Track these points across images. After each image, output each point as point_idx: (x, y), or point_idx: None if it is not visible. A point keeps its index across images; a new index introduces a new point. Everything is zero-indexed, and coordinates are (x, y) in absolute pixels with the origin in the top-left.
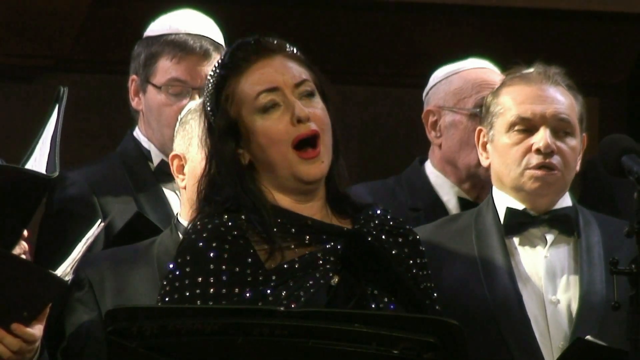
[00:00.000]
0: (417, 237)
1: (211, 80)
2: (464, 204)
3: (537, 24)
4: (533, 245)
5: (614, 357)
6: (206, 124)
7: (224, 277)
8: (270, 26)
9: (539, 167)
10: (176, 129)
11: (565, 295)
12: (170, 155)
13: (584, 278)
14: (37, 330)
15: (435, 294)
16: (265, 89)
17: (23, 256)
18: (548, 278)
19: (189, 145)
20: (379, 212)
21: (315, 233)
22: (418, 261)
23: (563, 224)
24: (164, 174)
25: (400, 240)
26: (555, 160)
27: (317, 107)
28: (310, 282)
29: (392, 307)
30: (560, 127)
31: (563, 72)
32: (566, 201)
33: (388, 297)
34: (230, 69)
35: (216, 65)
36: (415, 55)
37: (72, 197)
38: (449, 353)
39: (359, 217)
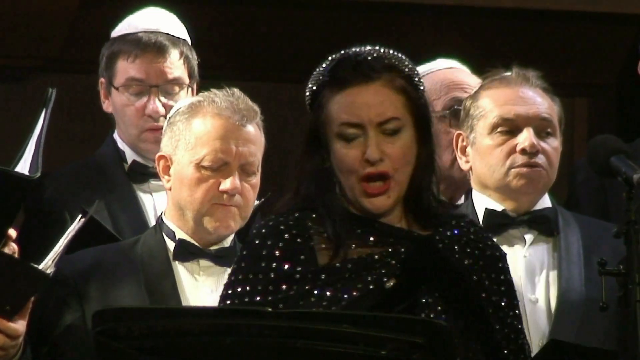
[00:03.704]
0: (498, 253)
1: (314, 78)
2: None
3: (525, 24)
4: (512, 245)
5: (590, 356)
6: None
7: (272, 275)
8: (258, 27)
9: (524, 165)
10: (164, 127)
11: (544, 294)
12: (157, 155)
13: (563, 276)
14: (20, 325)
15: (502, 314)
16: (349, 121)
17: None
18: (527, 277)
19: (176, 148)
20: (462, 224)
21: (381, 235)
22: (493, 276)
23: (542, 225)
24: (136, 174)
25: (476, 252)
26: (540, 159)
27: (396, 145)
28: (359, 286)
29: (443, 317)
30: (542, 127)
31: (540, 75)
32: (545, 202)
33: (443, 307)
34: (329, 80)
35: (323, 65)
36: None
37: (43, 204)
38: (436, 354)
39: (438, 227)
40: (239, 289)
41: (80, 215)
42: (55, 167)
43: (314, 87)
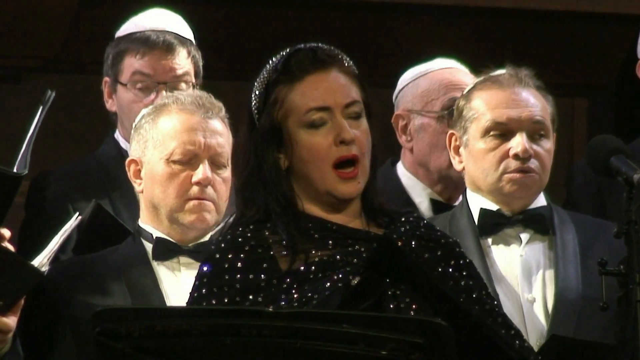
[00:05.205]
0: (451, 240)
1: (261, 80)
2: (436, 205)
3: (525, 25)
4: (508, 244)
5: (590, 350)
6: (247, 121)
7: (238, 285)
8: (258, 27)
9: (517, 171)
10: (132, 134)
11: (541, 293)
12: (127, 161)
13: (560, 275)
14: (11, 321)
15: (476, 294)
16: (316, 106)
17: None
18: (524, 277)
19: (144, 149)
20: (411, 219)
21: (339, 238)
22: (452, 262)
23: (537, 224)
24: None
25: (431, 244)
26: (533, 164)
27: (360, 130)
28: (327, 285)
29: (414, 307)
30: (535, 130)
31: (533, 74)
32: (540, 201)
33: (411, 297)
34: (284, 75)
35: (268, 66)
36: (403, 56)
37: (47, 200)
38: (436, 354)
39: (390, 224)
40: (205, 304)
41: (77, 214)
42: (53, 167)
43: (265, 84)
